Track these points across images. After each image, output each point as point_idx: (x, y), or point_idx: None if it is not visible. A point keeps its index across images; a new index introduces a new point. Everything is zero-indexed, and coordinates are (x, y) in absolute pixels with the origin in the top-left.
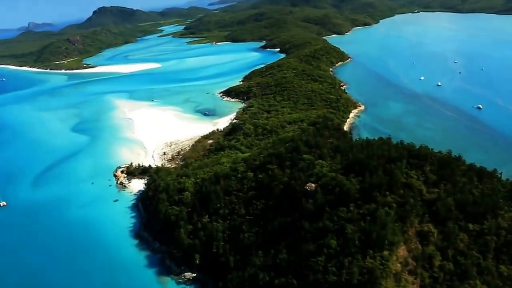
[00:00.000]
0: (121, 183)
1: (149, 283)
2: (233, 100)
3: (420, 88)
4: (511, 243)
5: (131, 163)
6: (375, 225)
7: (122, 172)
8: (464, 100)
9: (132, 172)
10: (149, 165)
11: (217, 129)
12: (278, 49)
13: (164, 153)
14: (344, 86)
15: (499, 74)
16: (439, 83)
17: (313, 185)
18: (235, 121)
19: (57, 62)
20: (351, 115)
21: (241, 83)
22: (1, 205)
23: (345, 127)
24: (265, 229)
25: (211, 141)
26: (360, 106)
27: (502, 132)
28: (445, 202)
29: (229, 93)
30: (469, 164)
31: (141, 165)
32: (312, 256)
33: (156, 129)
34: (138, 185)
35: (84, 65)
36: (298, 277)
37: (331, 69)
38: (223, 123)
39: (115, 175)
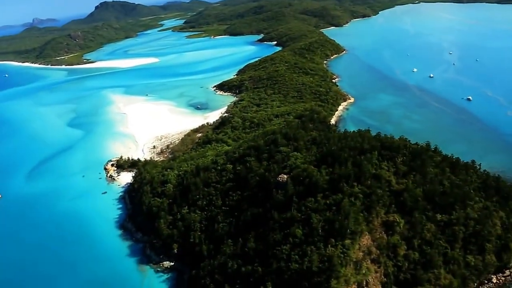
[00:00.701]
0: (111, 176)
1: (130, 272)
2: (226, 94)
3: (412, 80)
4: (480, 233)
5: (121, 157)
6: (339, 215)
7: (112, 165)
8: (454, 92)
9: (122, 165)
10: (138, 159)
11: (207, 123)
12: (275, 42)
13: (154, 147)
14: (336, 79)
15: (493, 65)
16: (431, 75)
17: (285, 176)
18: (225, 114)
19: (58, 58)
20: (340, 107)
21: (235, 76)
22: None
23: (333, 120)
24: (238, 220)
25: (200, 134)
26: (350, 99)
27: (489, 123)
28: (412, 193)
29: (222, 87)
30: (443, 155)
31: (130, 159)
32: (278, 245)
33: (149, 123)
34: (126, 178)
35: (84, 60)
36: (264, 265)
37: (325, 62)
38: (213, 116)
39: (105, 168)
